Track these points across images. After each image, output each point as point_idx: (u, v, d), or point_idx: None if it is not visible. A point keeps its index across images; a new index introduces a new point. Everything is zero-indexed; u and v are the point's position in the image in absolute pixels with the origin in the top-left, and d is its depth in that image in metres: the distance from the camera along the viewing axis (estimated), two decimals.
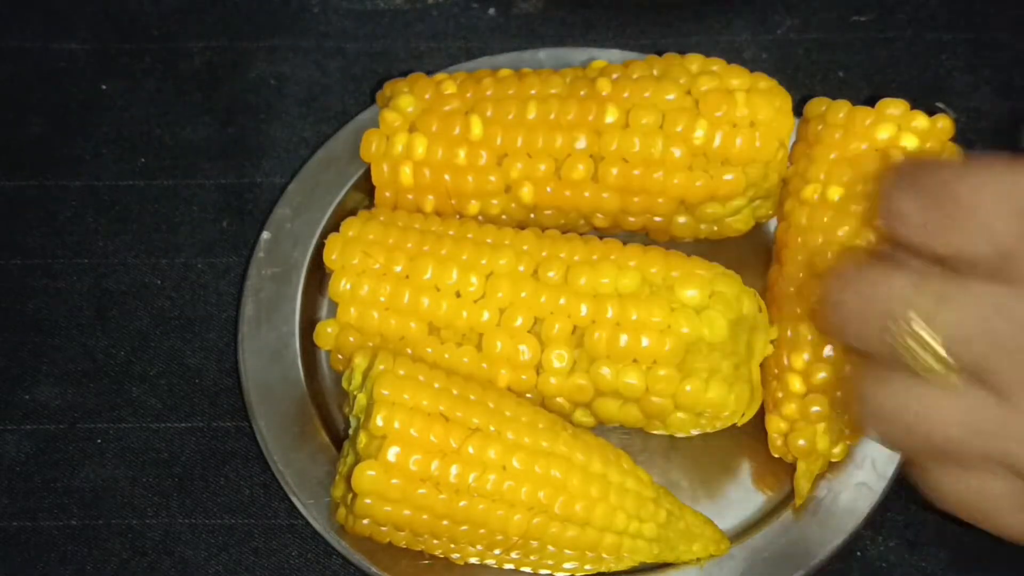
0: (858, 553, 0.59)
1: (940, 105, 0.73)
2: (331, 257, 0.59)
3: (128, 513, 0.60)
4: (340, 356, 0.59)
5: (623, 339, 0.55)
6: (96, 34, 0.74)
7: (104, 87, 0.73)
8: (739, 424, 0.58)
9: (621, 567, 0.56)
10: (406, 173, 0.61)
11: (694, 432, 0.58)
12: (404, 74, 0.71)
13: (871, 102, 0.60)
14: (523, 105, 0.60)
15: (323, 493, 0.57)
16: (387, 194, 0.62)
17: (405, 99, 0.62)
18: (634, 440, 0.60)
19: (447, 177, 0.61)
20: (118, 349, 0.64)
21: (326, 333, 0.59)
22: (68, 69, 0.73)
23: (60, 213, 0.68)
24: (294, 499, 0.58)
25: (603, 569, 0.56)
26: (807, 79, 0.73)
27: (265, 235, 0.65)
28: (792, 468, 0.58)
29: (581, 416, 0.58)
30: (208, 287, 0.66)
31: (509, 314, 0.57)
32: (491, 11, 0.76)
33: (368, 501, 0.53)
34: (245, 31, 0.75)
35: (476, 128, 0.60)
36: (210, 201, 0.69)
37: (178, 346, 0.64)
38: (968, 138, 0.72)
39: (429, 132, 0.61)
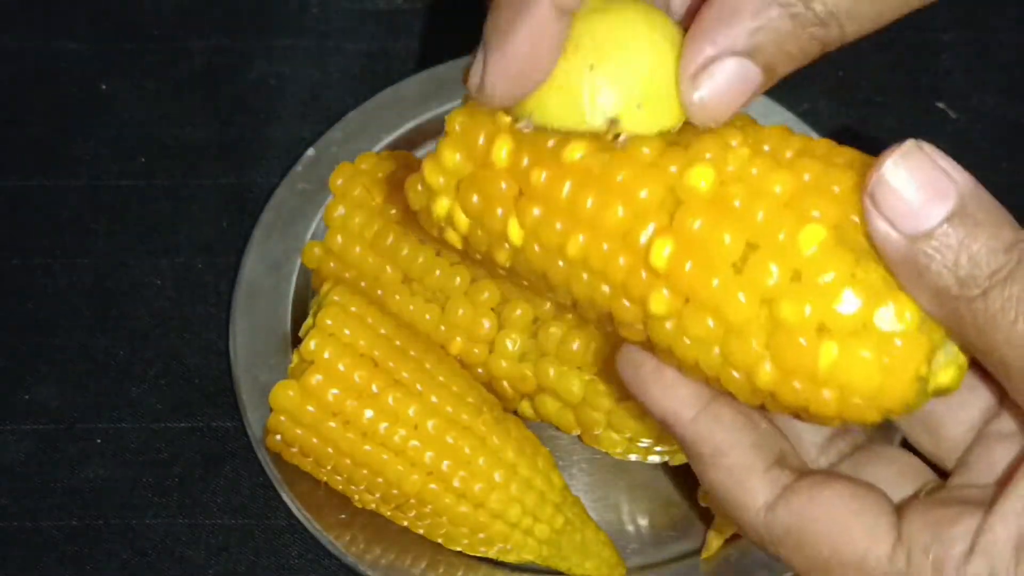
0: None
1: (940, 105, 0.73)
2: (336, 182, 0.60)
3: (128, 513, 0.60)
4: (320, 280, 0.61)
5: (575, 344, 0.55)
6: (96, 34, 0.74)
7: (104, 87, 0.73)
8: (672, 463, 0.58)
9: (507, 559, 0.56)
10: None
11: (632, 457, 0.58)
12: (404, 74, 0.72)
13: (871, 104, 0.60)
14: None
15: (317, 491, 0.57)
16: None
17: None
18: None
19: None
20: (118, 349, 0.64)
21: (312, 253, 0.60)
22: (68, 69, 0.73)
23: (60, 213, 0.68)
24: (286, 499, 0.58)
25: (491, 555, 0.56)
26: (807, 79, 0.73)
27: (258, 234, 0.65)
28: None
29: (526, 408, 0.58)
30: (208, 287, 0.66)
31: (480, 286, 0.57)
32: None
33: (282, 419, 0.54)
34: (245, 31, 0.75)
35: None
36: (210, 201, 0.69)
37: (178, 346, 0.64)
38: (968, 138, 0.72)
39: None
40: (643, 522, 0.59)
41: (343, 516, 0.57)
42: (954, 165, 0.37)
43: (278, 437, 0.55)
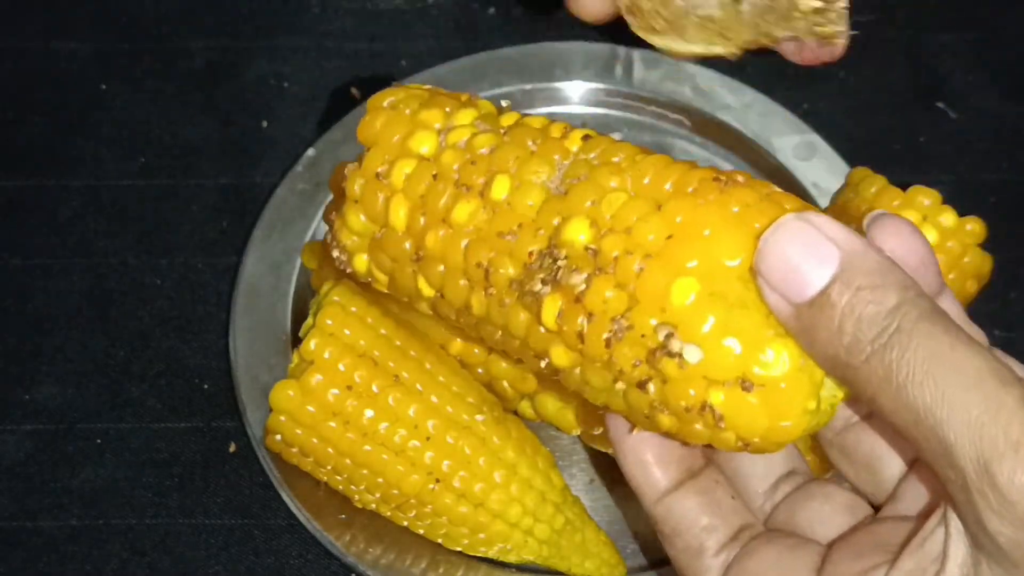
0: None
1: (940, 105, 0.73)
2: (336, 182, 0.59)
3: (128, 513, 0.60)
4: (320, 279, 0.60)
5: None
6: (96, 34, 0.74)
7: (104, 87, 0.73)
8: None
9: (507, 559, 0.56)
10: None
11: None
12: (404, 75, 0.72)
13: (871, 104, 0.60)
14: None
15: (317, 491, 0.57)
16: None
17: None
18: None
19: None
20: (118, 349, 0.64)
21: (312, 253, 0.60)
22: (68, 69, 0.73)
23: (60, 213, 0.68)
24: (286, 499, 0.58)
25: (491, 555, 0.56)
26: (807, 80, 0.73)
27: (258, 233, 0.65)
28: None
29: (526, 408, 0.58)
30: (208, 287, 0.66)
31: None
32: (491, 11, 0.76)
33: (282, 419, 0.54)
34: (245, 31, 0.75)
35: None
36: (210, 201, 0.69)
37: (178, 346, 0.64)
38: (968, 138, 0.72)
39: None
40: (643, 522, 0.59)
41: (343, 516, 0.57)
42: (840, 229, 0.38)
43: (278, 437, 0.55)
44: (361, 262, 0.49)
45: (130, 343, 0.64)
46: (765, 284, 0.38)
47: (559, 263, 0.42)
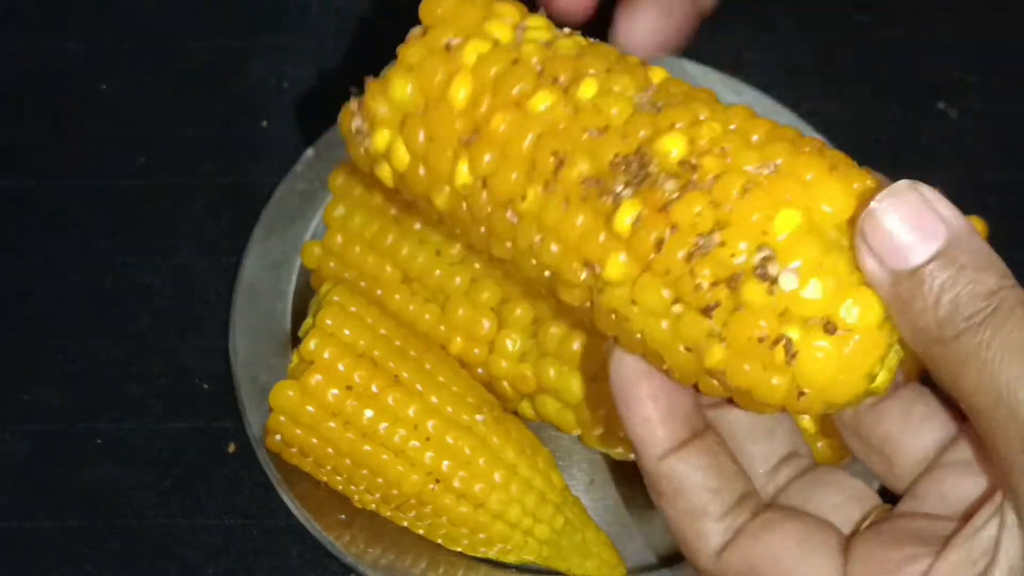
0: None
1: (940, 105, 0.73)
2: (336, 182, 0.60)
3: (128, 513, 0.60)
4: (319, 279, 0.61)
5: (575, 344, 0.55)
6: (95, 33, 0.74)
7: (104, 87, 0.73)
8: None
9: (507, 559, 0.56)
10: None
11: (632, 457, 0.58)
12: None
13: (871, 104, 0.60)
14: None
15: (317, 491, 0.57)
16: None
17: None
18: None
19: None
20: (118, 349, 0.64)
21: (312, 253, 0.60)
22: (68, 69, 0.73)
23: (60, 213, 0.68)
24: (286, 499, 0.58)
25: (491, 556, 0.56)
26: (807, 79, 0.74)
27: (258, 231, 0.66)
28: None
29: (526, 408, 0.58)
30: (208, 287, 0.66)
31: (480, 285, 0.57)
32: None
33: (281, 419, 0.54)
34: (245, 31, 0.75)
35: None
36: (210, 201, 0.69)
37: (178, 346, 0.64)
38: (968, 138, 0.72)
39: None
40: (643, 522, 0.59)
41: (343, 516, 0.57)
42: (949, 207, 0.38)
43: (278, 437, 0.55)
44: (383, 136, 0.46)
45: (130, 343, 0.64)
46: (865, 246, 0.38)
47: (649, 169, 0.40)
